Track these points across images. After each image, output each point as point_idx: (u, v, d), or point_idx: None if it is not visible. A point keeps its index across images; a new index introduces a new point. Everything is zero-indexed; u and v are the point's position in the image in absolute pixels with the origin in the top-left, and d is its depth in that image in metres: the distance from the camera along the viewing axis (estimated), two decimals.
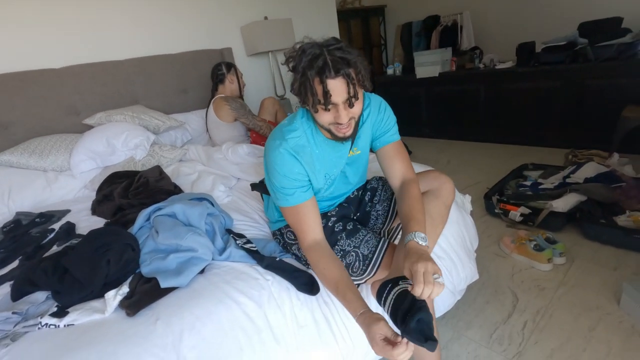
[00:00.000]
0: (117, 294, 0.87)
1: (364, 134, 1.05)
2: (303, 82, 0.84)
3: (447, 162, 3.10)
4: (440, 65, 3.52)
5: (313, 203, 0.97)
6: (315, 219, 0.96)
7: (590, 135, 2.72)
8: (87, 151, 1.86)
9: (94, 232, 1.03)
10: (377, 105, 1.06)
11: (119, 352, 0.76)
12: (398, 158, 1.06)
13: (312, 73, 0.81)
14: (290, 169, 0.93)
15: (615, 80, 2.55)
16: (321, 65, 0.80)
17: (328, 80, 0.81)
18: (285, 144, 0.93)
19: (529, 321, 1.34)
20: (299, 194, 0.95)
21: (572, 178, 2.04)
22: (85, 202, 1.71)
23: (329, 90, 0.81)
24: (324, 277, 0.91)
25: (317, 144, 0.97)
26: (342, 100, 0.84)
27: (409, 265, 0.78)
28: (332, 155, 1.01)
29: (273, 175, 0.95)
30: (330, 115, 0.87)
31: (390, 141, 1.07)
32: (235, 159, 1.75)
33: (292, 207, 0.95)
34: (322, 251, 0.94)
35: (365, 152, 1.10)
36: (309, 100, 0.86)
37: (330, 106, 0.85)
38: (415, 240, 0.85)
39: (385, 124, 1.06)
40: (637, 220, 1.64)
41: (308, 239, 0.95)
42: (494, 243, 1.84)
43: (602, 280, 1.47)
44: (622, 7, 2.98)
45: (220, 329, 0.85)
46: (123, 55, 2.26)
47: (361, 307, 0.82)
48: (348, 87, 0.82)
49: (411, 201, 0.97)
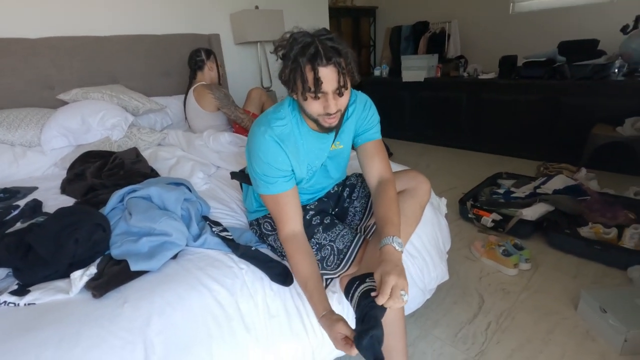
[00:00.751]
0: (83, 275, 0.84)
1: (347, 129, 1.06)
2: (294, 69, 0.83)
3: (426, 166, 3.17)
4: (426, 70, 3.59)
5: (294, 193, 0.97)
6: (295, 209, 0.96)
7: (562, 149, 2.85)
8: (60, 127, 1.78)
9: (63, 210, 0.99)
10: (362, 103, 1.07)
11: (82, 334, 0.73)
12: (377, 157, 1.07)
13: (303, 60, 0.81)
14: (274, 156, 0.93)
15: (588, 99, 2.68)
16: (313, 52, 0.80)
17: (320, 68, 0.81)
18: (270, 131, 0.92)
19: (493, 322, 1.39)
20: (281, 183, 0.94)
21: (542, 189, 2.13)
22: (54, 180, 1.63)
23: (320, 77, 0.81)
24: (296, 271, 0.93)
25: (301, 134, 0.97)
26: (332, 89, 0.84)
27: (382, 273, 0.80)
28: (315, 147, 1.01)
29: (256, 161, 0.94)
30: (319, 105, 0.86)
31: (371, 139, 1.08)
32: (216, 146, 1.72)
33: (273, 195, 0.95)
34: (299, 244, 0.94)
35: (347, 147, 1.10)
36: (298, 88, 0.85)
37: (320, 95, 0.84)
38: (393, 245, 0.87)
39: (369, 122, 1.07)
40: (598, 232, 1.74)
41: (286, 229, 0.95)
42: (465, 246, 1.90)
43: (562, 287, 1.55)
44: (599, 30, 3.13)
45: (190, 315, 0.84)
46: (106, 32, 2.18)
47: (324, 309, 0.85)
48: (338, 76, 0.83)
49: (388, 202, 0.98)
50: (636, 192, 2.12)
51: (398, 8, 4.83)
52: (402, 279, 0.78)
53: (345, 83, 0.85)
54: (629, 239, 1.65)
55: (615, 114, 2.49)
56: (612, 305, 1.26)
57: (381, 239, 0.89)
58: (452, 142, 3.63)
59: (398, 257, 0.85)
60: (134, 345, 0.75)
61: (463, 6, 4.22)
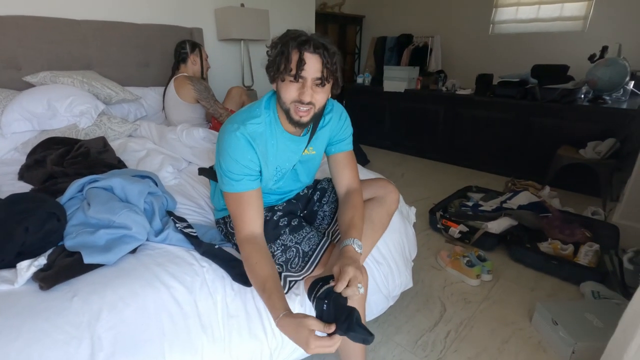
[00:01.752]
0: (31, 265, 0.80)
1: (321, 137, 1.07)
2: (281, 51, 0.86)
3: (401, 175, 3.22)
4: (407, 82, 3.66)
5: (258, 194, 0.96)
6: (257, 211, 0.95)
7: (529, 167, 2.97)
8: (24, 111, 1.70)
9: (15, 196, 0.94)
10: (338, 113, 1.09)
11: (23, 327, 0.70)
12: (348, 167, 1.10)
13: (293, 44, 0.85)
14: (242, 154, 0.92)
15: (555, 121, 2.81)
16: (304, 39, 0.85)
17: (306, 53, 0.84)
18: (243, 128, 0.92)
19: (452, 331, 1.42)
20: (246, 182, 0.93)
21: (508, 204, 2.20)
22: (12, 165, 1.55)
23: (304, 59, 0.84)
24: (253, 273, 0.87)
25: (273, 134, 0.97)
26: (312, 76, 0.86)
27: (341, 265, 0.83)
28: (286, 149, 1.01)
29: (223, 157, 0.93)
30: (295, 91, 0.88)
31: (344, 149, 1.10)
32: (189, 141, 1.69)
33: (236, 193, 0.93)
34: (258, 246, 0.92)
35: (319, 154, 1.11)
36: (279, 69, 0.86)
37: (300, 79, 0.86)
38: (353, 246, 0.90)
39: (343, 132, 1.10)
40: (556, 248, 1.82)
41: (246, 230, 0.92)
42: (432, 255, 1.94)
43: (520, 299, 1.61)
44: (569, 57, 3.31)
45: (144, 311, 0.81)
46: (80, 15, 2.09)
47: (285, 308, 0.80)
48: (322, 67, 0.86)
49: (354, 209, 1.01)
50: (593, 212, 2.23)
51: (384, 19, 4.93)
52: (359, 273, 0.81)
53: (326, 77, 0.87)
54: (583, 256, 1.74)
55: (579, 137, 2.62)
56: (563, 318, 1.32)
57: (343, 240, 0.93)
58: (427, 154, 3.72)
59: (357, 257, 0.89)
60: (79, 340, 0.72)
61: (446, 23, 4.36)
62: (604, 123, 2.58)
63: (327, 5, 4.72)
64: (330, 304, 0.78)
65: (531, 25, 3.84)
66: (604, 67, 2.69)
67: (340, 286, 0.79)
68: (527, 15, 3.84)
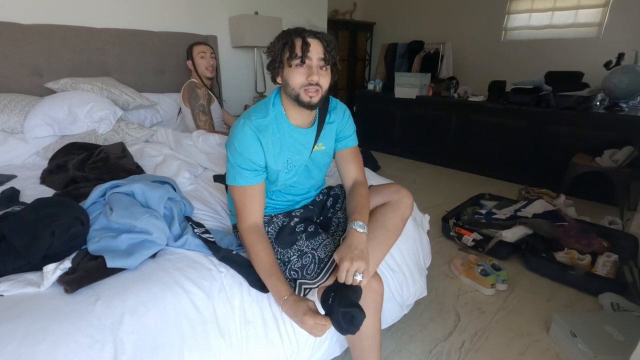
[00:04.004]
0: (57, 268, 0.82)
1: (329, 133, 1.12)
2: (284, 43, 0.93)
3: (413, 182, 3.21)
4: (418, 88, 3.66)
5: (261, 188, 1.02)
6: (260, 203, 1.02)
7: (543, 175, 2.93)
8: (45, 116, 1.74)
9: (41, 200, 0.96)
10: (342, 111, 1.16)
11: (49, 329, 0.71)
12: (353, 162, 1.16)
13: (294, 33, 0.93)
14: (248, 148, 0.97)
15: (570, 129, 2.78)
16: (302, 29, 0.94)
17: (308, 38, 0.92)
18: (249, 122, 0.98)
19: (467, 341, 1.41)
20: (250, 177, 0.99)
21: (522, 212, 2.18)
22: (34, 169, 1.59)
23: (308, 42, 0.92)
24: (259, 259, 0.94)
25: (280, 128, 1.02)
26: (317, 57, 0.93)
27: (340, 255, 0.90)
28: (295, 142, 1.05)
29: (231, 151, 1.00)
30: (302, 75, 0.93)
31: (349, 145, 1.16)
32: (205, 147, 1.71)
33: (241, 187, 0.99)
34: (261, 234, 0.99)
35: (329, 149, 1.15)
36: (284, 60, 0.94)
37: (306, 63, 0.93)
38: (354, 227, 0.95)
39: (348, 128, 1.16)
40: (573, 258, 1.79)
41: (249, 220, 0.99)
42: (445, 264, 1.92)
43: (536, 309, 1.58)
44: (583, 64, 3.28)
45: (164, 315, 0.82)
46: (100, 24, 2.15)
47: (288, 291, 0.90)
48: (324, 50, 0.94)
49: (358, 198, 1.08)
50: (611, 221, 2.19)
51: (395, 26, 4.94)
52: (357, 262, 0.86)
53: (328, 60, 0.95)
54: (601, 267, 1.71)
55: (595, 145, 2.58)
56: (582, 330, 1.29)
57: (347, 225, 0.98)
58: (439, 160, 3.70)
59: (358, 238, 0.93)
60: (103, 344, 0.73)
61: (458, 30, 4.36)
62: (621, 131, 2.54)
63: (339, 12, 4.75)
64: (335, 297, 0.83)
65: (545, 31, 3.81)
66: (621, 74, 2.65)
67: (341, 276, 0.86)
68: (541, 21, 3.81)
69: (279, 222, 1.12)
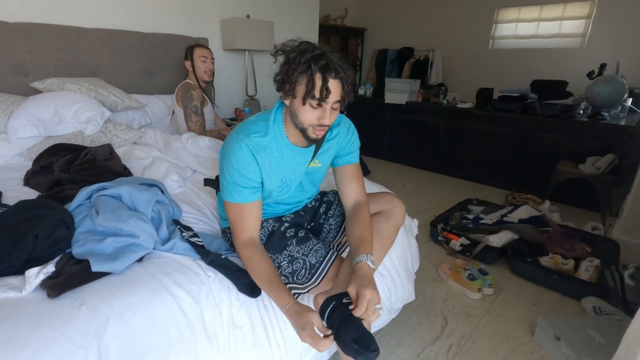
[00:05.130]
0: (40, 272, 0.80)
1: (329, 150, 1.08)
2: (302, 72, 0.85)
3: (402, 187, 3.24)
4: (408, 94, 3.71)
5: (258, 205, 1.00)
6: (257, 219, 1.00)
7: (529, 181, 2.99)
8: (30, 116, 1.71)
9: (24, 203, 0.94)
10: (346, 126, 1.11)
11: (31, 335, 0.69)
12: (355, 180, 1.11)
13: (315, 68, 0.84)
14: (245, 166, 0.94)
15: (555, 136, 2.85)
16: (325, 63, 0.85)
17: (330, 79, 0.85)
18: (247, 140, 0.94)
19: (454, 344, 1.42)
20: (247, 194, 0.96)
21: (508, 217, 2.22)
22: (18, 171, 1.55)
23: (329, 87, 0.85)
24: (258, 272, 0.92)
25: (278, 147, 0.99)
26: (333, 100, 0.89)
27: (357, 287, 0.84)
28: (292, 161, 1.02)
29: (227, 168, 0.96)
30: (314, 115, 0.90)
31: (351, 162, 1.12)
32: (194, 150, 1.70)
33: (237, 204, 0.97)
34: (258, 248, 0.97)
35: (325, 166, 1.13)
36: (299, 92, 0.88)
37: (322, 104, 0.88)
38: (367, 262, 0.91)
39: (351, 145, 1.12)
40: (557, 262, 1.83)
41: (245, 236, 0.97)
42: (433, 268, 1.94)
43: (521, 313, 1.61)
44: (568, 73, 3.37)
45: (150, 320, 0.81)
46: (89, 23, 2.12)
47: (291, 299, 0.87)
48: (342, 91, 0.90)
49: (363, 223, 1.03)
50: (593, 227, 2.25)
51: (386, 32, 5.01)
52: (376, 293, 0.83)
53: (344, 99, 0.92)
54: (584, 271, 1.75)
55: (578, 152, 2.66)
56: (565, 333, 1.32)
57: (355, 256, 0.93)
58: (428, 165, 3.74)
59: (371, 273, 0.90)
60: (87, 349, 0.72)
61: (447, 37, 4.44)
62: (603, 139, 2.61)
63: (330, 17, 4.79)
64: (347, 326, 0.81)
65: (531, 41, 3.91)
66: (603, 84, 2.73)
67: (359, 312, 0.80)
68: (527, 31, 3.92)
69: (269, 226, 1.11)
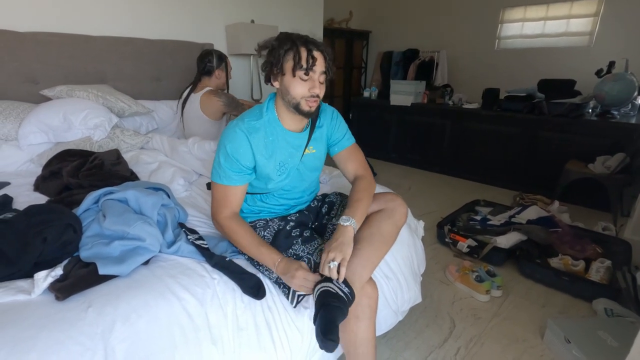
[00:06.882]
0: (48, 276, 0.81)
1: (319, 137, 1.15)
2: (288, 49, 0.95)
3: (408, 188, 3.22)
4: (413, 96, 3.70)
5: (243, 190, 1.07)
6: (240, 199, 1.07)
7: (537, 181, 2.96)
8: (40, 123, 1.74)
9: (34, 207, 0.96)
10: (330, 113, 1.18)
11: (39, 337, 0.70)
12: (351, 159, 1.19)
13: (299, 42, 0.95)
14: (237, 149, 1.00)
15: (563, 135, 2.81)
16: (306, 39, 0.97)
17: (314, 51, 0.95)
18: (242, 124, 1.02)
19: (462, 347, 1.40)
20: (235, 179, 1.03)
21: (516, 218, 2.19)
22: (28, 176, 1.58)
23: (314, 56, 0.95)
24: (246, 240, 1.00)
25: (273, 132, 1.05)
26: (320, 71, 0.98)
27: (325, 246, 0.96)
28: (287, 145, 1.08)
29: (221, 151, 1.03)
30: (304, 87, 0.97)
31: (346, 145, 1.19)
32: (200, 154, 1.71)
33: (224, 185, 1.03)
34: (240, 220, 1.05)
35: (320, 153, 1.17)
36: (287, 68, 0.96)
37: (310, 73, 0.96)
38: (340, 222, 1.00)
39: (339, 129, 1.18)
40: (567, 264, 1.79)
41: (227, 211, 1.04)
42: (440, 270, 1.92)
43: (530, 316, 1.58)
44: (575, 72, 3.33)
45: (156, 323, 0.81)
46: (97, 32, 2.16)
47: (280, 255, 0.98)
48: (325, 62, 0.99)
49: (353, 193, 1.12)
50: (604, 227, 2.21)
51: (391, 34, 5.00)
52: (333, 252, 0.91)
53: (328, 71, 1.00)
54: (595, 272, 1.71)
55: (587, 152, 2.61)
56: (576, 336, 1.30)
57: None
58: (434, 167, 3.72)
59: (341, 231, 0.98)
60: (94, 352, 0.72)
61: (452, 38, 4.42)
62: (613, 138, 2.57)
63: (335, 20, 4.81)
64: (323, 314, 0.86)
65: (537, 40, 3.87)
66: (612, 82, 2.69)
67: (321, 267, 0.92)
68: (533, 30, 3.88)
69: (274, 226, 1.13)
